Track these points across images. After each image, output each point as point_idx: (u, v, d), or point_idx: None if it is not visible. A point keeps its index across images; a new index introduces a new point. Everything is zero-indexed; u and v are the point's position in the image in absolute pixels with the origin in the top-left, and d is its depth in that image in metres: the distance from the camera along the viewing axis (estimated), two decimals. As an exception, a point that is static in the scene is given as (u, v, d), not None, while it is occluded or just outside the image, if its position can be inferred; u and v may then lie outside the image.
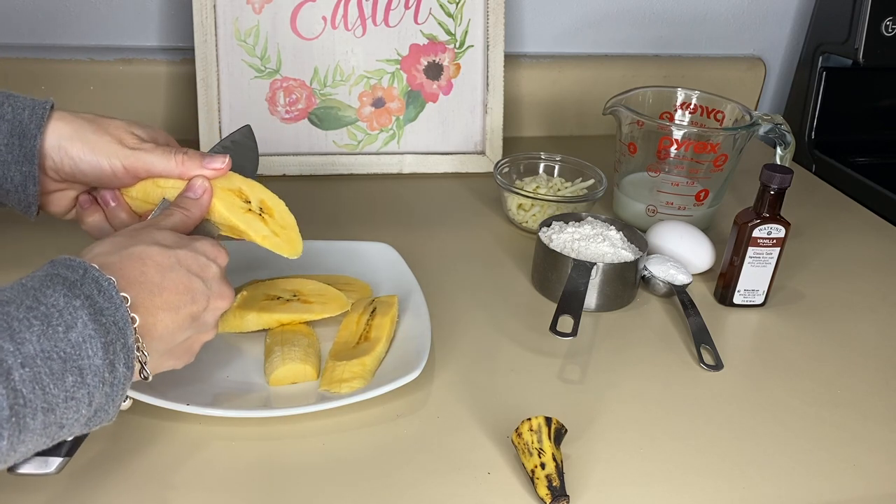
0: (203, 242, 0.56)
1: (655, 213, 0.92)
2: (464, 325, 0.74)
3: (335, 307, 0.71)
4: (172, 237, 0.55)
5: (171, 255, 0.53)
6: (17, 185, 0.60)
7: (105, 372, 0.46)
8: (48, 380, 0.42)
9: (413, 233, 0.89)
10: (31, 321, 0.43)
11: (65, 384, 0.43)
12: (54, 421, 0.44)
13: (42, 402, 0.42)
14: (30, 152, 0.59)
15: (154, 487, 0.55)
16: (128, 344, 0.47)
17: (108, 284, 0.47)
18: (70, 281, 0.46)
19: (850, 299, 0.85)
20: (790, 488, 0.59)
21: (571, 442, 0.61)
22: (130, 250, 0.51)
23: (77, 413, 0.45)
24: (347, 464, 0.58)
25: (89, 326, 0.45)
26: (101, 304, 0.46)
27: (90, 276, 0.47)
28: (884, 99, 1.23)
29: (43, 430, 0.43)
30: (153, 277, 0.51)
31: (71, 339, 0.44)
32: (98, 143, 0.61)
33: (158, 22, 1.06)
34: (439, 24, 1.01)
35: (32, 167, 0.60)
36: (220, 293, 0.56)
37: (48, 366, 0.43)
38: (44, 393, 0.42)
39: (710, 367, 0.71)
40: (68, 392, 0.44)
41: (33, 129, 0.59)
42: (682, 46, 1.24)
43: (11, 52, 1.01)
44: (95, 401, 0.46)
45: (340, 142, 1.02)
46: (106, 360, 0.45)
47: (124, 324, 0.47)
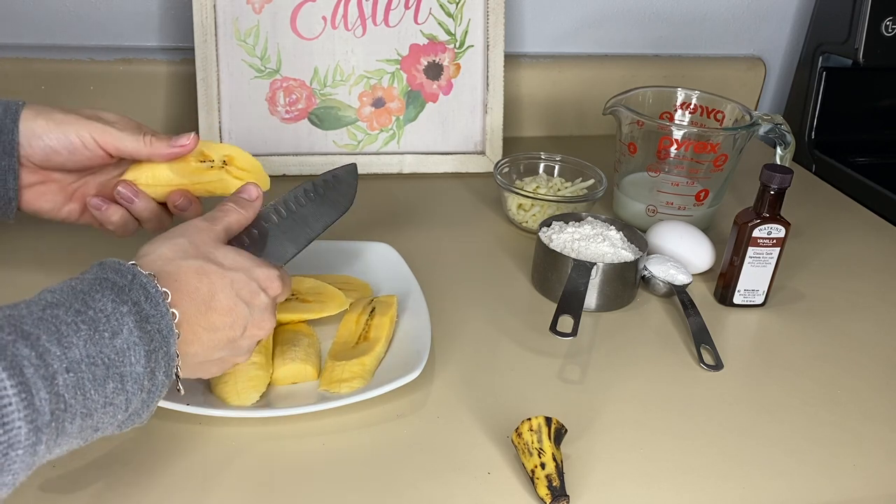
0: (260, 269, 0.56)
1: (655, 213, 0.92)
2: (464, 325, 0.74)
3: (334, 306, 0.71)
4: (233, 257, 0.55)
5: (226, 276, 0.53)
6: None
7: (145, 379, 0.46)
8: (90, 385, 0.43)
9: (413, 233, 0.89)
10: (78, 325, 0.43)
11: (105, 390, 0.43)
12: (91, 425, 0.44)
13: (82, 408, 0.42)
14: (8, 146, 0.60)
15: (153, 487, 0.55)
16: (170, 353, 0.48)
17: (155, 292, 0.47)
18: (119, 286, 0.46)
19: (850, 299, 0.85)
20: (790, 488, 0.59)
21: (571, 442, 0.61)
22: (190, 263, 0.52)
23: (113, 418, 0.45)
24: (347, 464, 0.58)
25: (134, 333, 0.45)
26: (147, 311, 0.46)
27: (138, 282, 0.47)
28: (884, 99, 1.23)
29: (79, 434, 0.43)
30: (204, 297, 0.51)
31: (116, 345, 0.44)
32: (65, 119, 0.62)
33: (158, 22, 1.06)
34: (439, 24, 1.01)
35: (12, 160, 0.60)
36: (260, 323, 0.56)
37: (92, 371, 0.43)
38: (84, 398, 0.42)
39: (710, 367, 0.72)
40: (108, 398, 0.44)
41: (9, 123, 0.60)
42: (682, 46, 1.24)
43: (11, 52, 1.01)
44: (132, 406, 0.46)
45: (340, 142, 1.02)
46: (147, 368, 0.46)
47: (168, 332, 0.47)
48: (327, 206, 0.67)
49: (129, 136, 0.63)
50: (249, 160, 0.69)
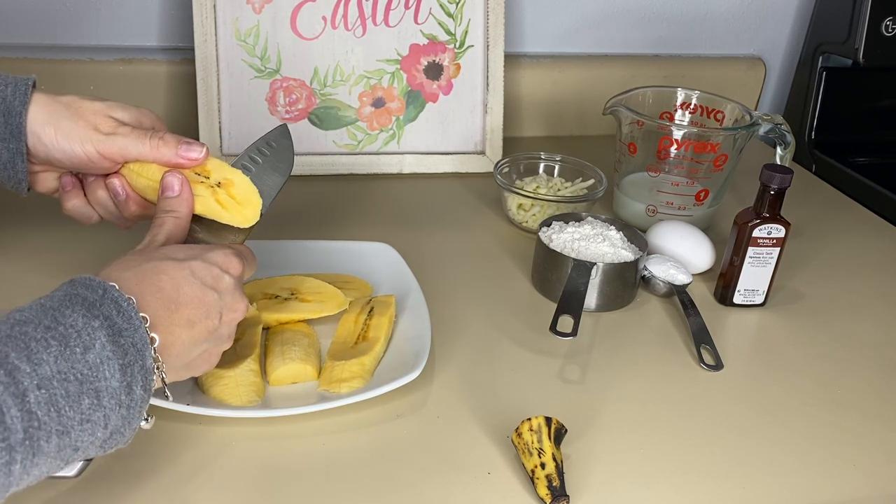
0: (215, 252, 0.55)
1: (655, 213, 0.92)
2: (464, 325, 0.74)
3: (333, 306, 0.71)
4: (183, 250, 0.54)
5: (184, 267, 0.52)
6: (5, 162, 0.60)
7: (122, 394, 0.45)
8: (64, 402, 0.42)
9: (413, 233, 0.89)
10: (48, 341, 0.42)
11: (80, 406, 0.43)
12: (69, 444, 0.43)
13: (57, 425, 0.42)
14: (16, 129, 0.59)
15: (153, 487, 0.55)
16: (146, 366, 0.47)
17: (127, 305, 0.47)
18: (89, 301, 0.45)
19: (850, 299, 0.85)
20: (790, 488, 0.59)
21: (571, 442, 0.61)
22: (144, 266, 0.51)
23: (92, 436, 0.44)
24: (347, 464, 0.58)
25: (107, 348, 0.44)
26: (119, 325, 0.46)
27: (109, 297, 0.46)
28: (884, 99, 1.23)
29: (57, 453, 0.43)
30: (170, 293, 0.50)
31: (88, 360, 0.43)
32: (71, 129, 0.60)
33: (158, 22, 1.06)
34: (439, 24, 1.01)
35: (20, 143, 0.59)
36: (232, 305, 0.55)
37: (64, 388, 0.42)
38: (59, 415, 0.42)
39: (710, 367, 0.71)
40: (84, 414, 0.43)
41: (17, 105, 0.59)
42: (682, 46, 1.24)
43: (11, 52, 1.01)
44: (111, 423, 0.45)
45: (340, 142, 1.02)
46: (123, 383, 0.45)
47: (143, 345, 0.47)
48: (270, 174, 0.65)
49: (133, 143, 0.61)
50: (247, 191, 0.63)
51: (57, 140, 0.60)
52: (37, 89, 0.61)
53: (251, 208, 0.62)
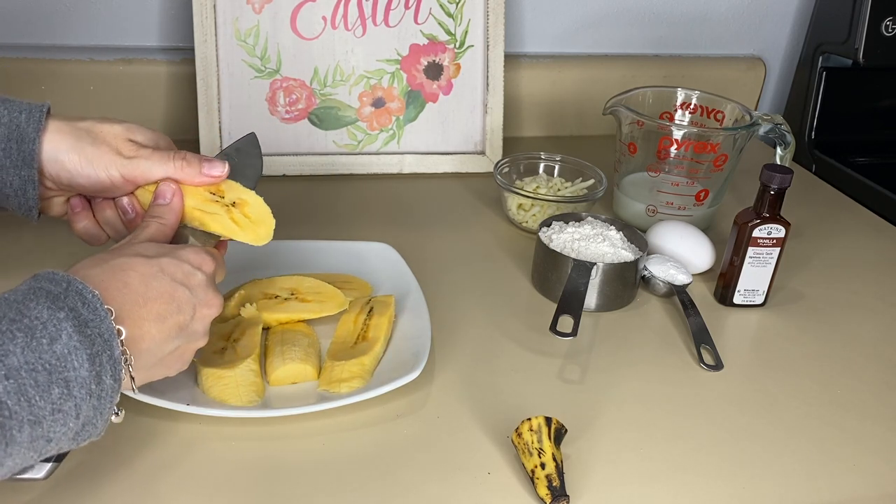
0: (187, 250, 0.55)
1: (655, 213, 0.92)
2: (464, 325, 0.74)
3: (333, 306, 0.71)
4: (154, 247, 0.54)
5: (154, 263, 0.52)
6: (17, 189, 0.60)
7: (92, 384, 0.45)
8: (34, 392, 0.42)
9: (413, 233, 0.89)
10: (14, 333, 0.43)
11: (51, 396, 0.43)
12: (41, 434, 0.43)
13: (28, 415, 0.42)
14: (28, 156, 0.59)
15: (154, 487, 0.55)
16: (114, 356, 0.47)
17: (91, 297, 0.47)
18: (53, 294, 0.46)
19: (850, 299, 0.85)
20: (790, 488, 0.59)
21: (571, 442, 0.61)
22: (112, 262, 0.51)
23: (65, 426, 0.44)
24: (347, 464, 0.58)
25: (74, 338, 0.44)
26: (85, 316, 0.46)
27: (73, 289, 0.46)
28: (884, 99, 1.23)
29: (30, 444, 0.43)
30: (137, 288, 0.50)
31: (56, 350, 0.43)
32: (95, 154, 0.60)
33: (158, 22, 1.06)
34: (439, 24, 1.01)
35: (31, 171, 0.59)
36: (206, 301, 0.55)
37: (33, 378, 0.42)
38: (29, 405, 0.42)
39: (710, 367, 0.71)
40: (55, 404, 0.43)
41: (31, 132, 0.58)
42: (682, 46, 1.24)
43: (11, 52, 1.01)
44: (83, 413, 0.45)
45: (340, 142, 1.02)
46: (92, 372, 0.45)
47: (109, 335, 0.47)
48: (239, 179, 0.65)
49: (158, 165, 0.61)
50: (261, 211, 0.64)
51: (81, 166, 0.60)
52: (52, 115, 0.61)
53: (265, 228, 0.63)
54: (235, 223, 0.62)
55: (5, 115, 0.59)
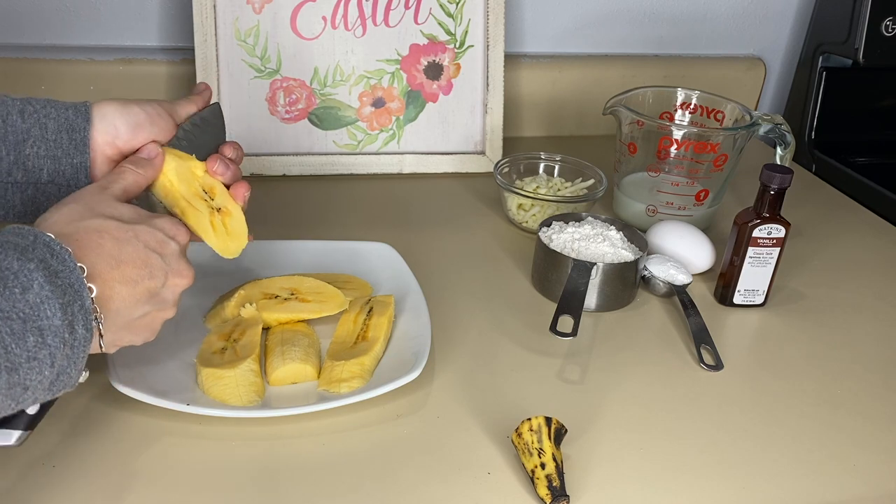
0: (163, 220, 0.56)
1: (655, 213, 0.92)
2: (464, 325, 0.74)
3: (333, 306, 0.71)
4: (131, 212, 0.55)
5: (128, 229, 0.53)
6: (69, 178, 0.60)
7: (65, 332, 0.46)
8: (9, 339, 0.43)
9: (413, 233, 0.89)
10: None
11: (26, 344, 0.44)
12: (18, 382, 0.44)
13: (5, 362, 0.42)
14: (80, 143, 0.60)
15: (154, 487, 0.55)
16: (85, 306, 0.47)
17: (59, 248, 0.47)
18: (21, 247, 0.46)
19: (850, 299, 0.85)
20: (790, 488, 0.59)
21: (571, 442, 0.61)
22: (87, 223, 0.51)
23: (40, 374, 0.45)
24: (347, 464, 0.58)
25: (45, 288, 0.45)
26: (55, 267, 0.46)
27: (41, 241, 0.47)
28: (884, 99, 1.23)
29: (7, 391, 0.44)
30: (110, 250, 0.51)
31: (28, 299, 0.44)
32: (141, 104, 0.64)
33: (158, 22, 1.06)
34: (439, 24, 1.01)
35: (84, 157, 0.60)
36: (178, 271, 0.55)
37: (8, 326, 0.43)
38: (6, 352, 0.43)
39: (710, 367, 0.71)
40: (30, 352, 0.44)
41: (80, 122, 0.60)
42: (682, 46, 1.24)
43: (11, 52, 1.01)
44: (57, 362, 0.46)
45: (340, 142, 1.02)
46: (65, 321, 0.46)
47: (80, 286, 0.47)
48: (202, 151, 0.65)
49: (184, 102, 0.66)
50: (239, 228, 0.64)
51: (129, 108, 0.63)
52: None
53: (237, 243, 0.64)
54: (212, 227, 0.62)
55: (52, 112, 0.60)
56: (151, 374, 0.62)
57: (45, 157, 0.59)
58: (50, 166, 0.59)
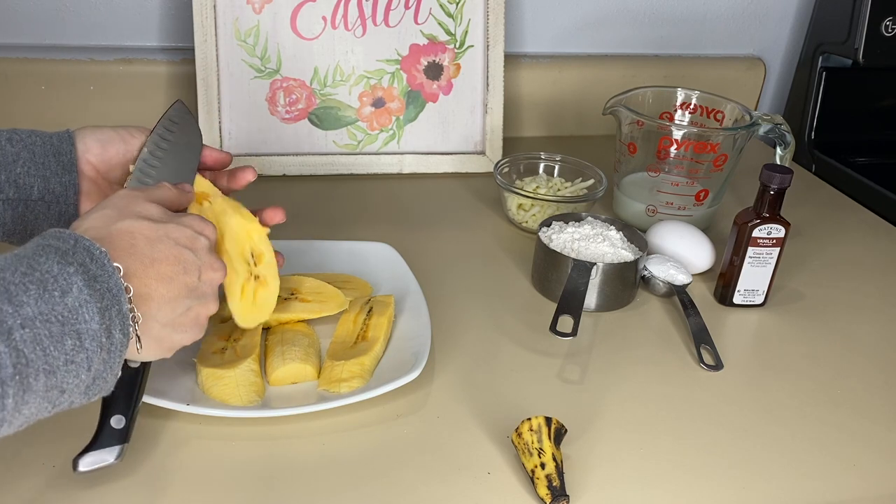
0: (190, 217, 0.57)
1: (655, 213, 0.92)
2: (464, 325, 0.74)
3: (333, 306, 0.71)
4: (159, 212, 0.55)
5: (158, 228, 0.53)
6: (58, 195, 0.62)
7: (102, 336, 0.46)
8: (48, 342, 0.43)
9: (413, 233, 0.89)
10: (27, 285, 0.43)
11: (64, 347, 0.44)
12: (55, 385, 0.44)
13: (43, 364, 0.43)
14: (68, 164, 0.62)
15: (154, 487, 0.55)
16: (122, 311, 0.48)
17: (99, 253, 0.48)
18: (62, 250, 0.46)
19: (850, 299, 0.85)
20: (790, 488, 0.59)
21: (571, 442, 0.61)
22: (119, 225, 0.52)
23: (77, 378, 0.45)
24: (347, 464, 0.58)
25: (84, 292, 0.45)
26: (94, 272, 0.47)
27: (81, 246, 0.47)
28: (884, 99, 1.23)
29: (45, 394, 0.44)
30: (143, 249, 0.51)
31: (67, 303, 0.44)
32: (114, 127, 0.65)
33: (158, 22, 1.06)
34: (439, 24, 1.01)
35: (73, 175, 0.62)
36: (211, 265, 0.56)
37: (47, 328, 0.43)
38: (45, 354, 0.43)
39: (710, 367, 0.71)
40: (68, 355, 0.44)
41: (66, 146, 0.62)
42: (682, 46, 1.24)
43: (11, 52, 1.01)
44: (94, 367, 0.46)
45: (340, 142, 1.02)
46: (103, 325, 0.46)
47: (118, 291, 0.48)
48: (186, 152, 0.66)
49: None
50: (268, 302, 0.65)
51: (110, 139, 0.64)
52: None
53: (258, 315, 0.64)
54: (241, 292, 0.62)
55: (38, 140, 0.62)
56: (151, 374, 0.62)
57: (35, 175, 0.60)
58: (40, 184, 0.61)
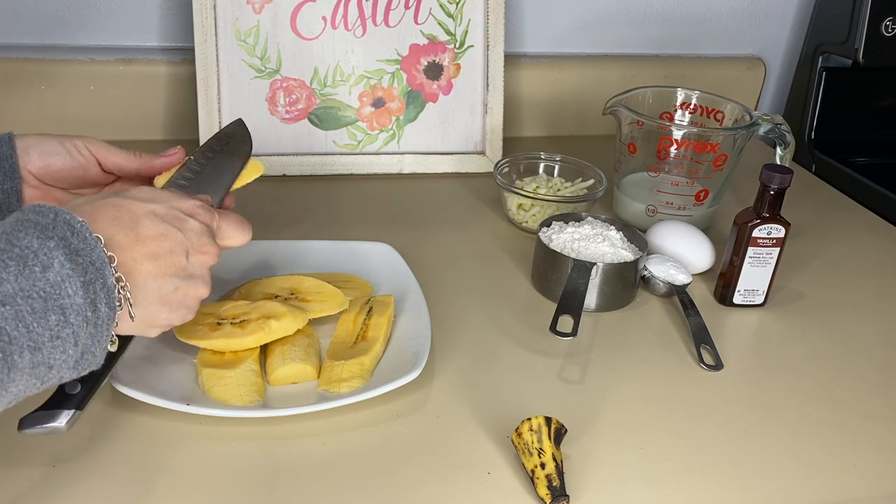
0: (182, 200, 0.55)
1: (655, 213, 0.92)
2: (464, 325, 0.74)
3: (333, 305, 0.71)
4: (149, 192, 0.54)
5: (143, 205, 0.52)
6: (1, 202, 0.61)
7: (87, 311, 0.45)
8: (31, 318, 0.42)
9: (413, 233, 0.89)
10: (6, 262, 0.43)
11: (48, 323, 0.43)
12: (42, 361, 0.44)
13: (28, 341, 0.42)
14: (9, 170, 0.61)
15: (154, 487, 0.55)
16: (107, 283, 0.47)
17: (80, 226, 0.47)
18: (41, 224, 0.46)
19: (850, 299, 0.85)
20: (790, 488, 0.59)
21: (571, 442, 0.61)
22: (104, 201, 0.51)
23: (64, 353, 0.45)
24: (347, 464, 0.58)
25: (66, 266, 0.45)
26: (75, 245, 0.46)
27: (61, 219, 0.46)
28: (884, 99, 1.23)
29: (32, 370, 0.43)
30: (128, 223, 0.51)
31: (49, 278, 0.44)
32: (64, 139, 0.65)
33: (158, 22, 1.06)
34: (439, 24, 1.01)
35: (15, 182, 0.61)
36: (199, 247, 0.54)
37: (29, 304, 0.42)
38: (28, 331, 0.42)
39: (710, 367, 0.71)
40: (53, 331, 0.44)
41: (6, 150, 0.62)
42: (682, 46, 1.24)
43: (11, 52, 1.01)
44: (81, 341, 0.45)
45: (340, 142, 1.02)
46: (87, 300, 0.45)
47: (101, 263, 0.47)
48: (231, 157, 0.67)
49: (118, 150, 0.66)
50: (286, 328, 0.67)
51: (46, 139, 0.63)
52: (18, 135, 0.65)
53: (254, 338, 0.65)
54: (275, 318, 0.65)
55: None
56: (151, 375, 0.62)
57: None
58: None
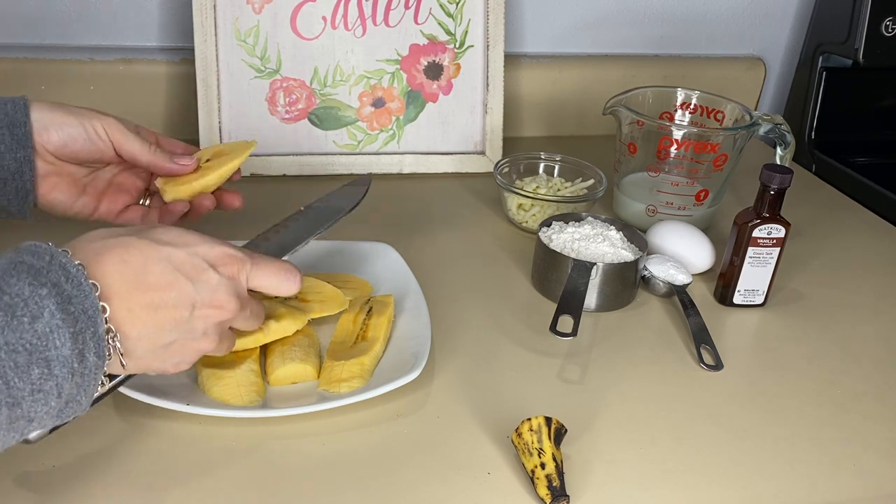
0: (209, 246, 0.52)
1: (655, 213, 0.92)
2: (464, 325, 0.74)
3: (333, 305, 0.70)
4: (174, 234, 0.51)
5: (160, 249, 0.49)
6: (13, 172, 0.61)
7: (74, 362, 0.43)
8: (12, 374, 0.41)
9: (413, 233, 0.89)
10: None
11: (30, 377, 0.41)
12: (21, 415, 0.42)
13: (6, 397, 0.41)
14: (22, 138, 0.60)
15: (154, 487, 0.55)
16: (98, 332, 0.45)
17: (76, 271, 0.45)
18: (36, 268, 0.44)
19: (850, 299, 0.85)
20: (790, 488, 0.59)
21: (571, 442, 0.61)
22: (118, 239, 0.49)
23: (46, 405, 0.43)
24: (347, 464, 0.58)
25: (56, 316, 0.43)
26: (69, 292, 0.44)
27: (56, 263, 0.45)
28: (884, 99, 1.23)
29: (9, 426, 0.42)
30: (135, 267, 0.48)
31: (37, 329, 0.42)
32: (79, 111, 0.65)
33: (158, 22, 1.06)
34: (439, 24, 1.01)
35: (27, 151, 0.61)
36: (211, 301, 0.51)
37: (12, 359, 0.41)
38: (7, 387, 0.41)
39: (710, 367, 0.71)
40: (34, 385, 0.42)
41: (20, 117, 0.61)
42: (682, 46, 1.24)
43: (11, 52, 1.01)
44: (65, 392, 0.44)
45: (340, 142, 1.02)
46: (75, 350, 0.43)
47: (94, 311, 0.45)
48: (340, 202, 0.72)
49: (135, 139, 0.66)
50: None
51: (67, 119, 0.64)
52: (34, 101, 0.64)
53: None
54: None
55: None
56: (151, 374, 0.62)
57: None
58: None
